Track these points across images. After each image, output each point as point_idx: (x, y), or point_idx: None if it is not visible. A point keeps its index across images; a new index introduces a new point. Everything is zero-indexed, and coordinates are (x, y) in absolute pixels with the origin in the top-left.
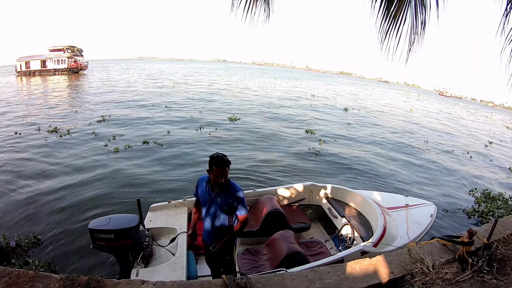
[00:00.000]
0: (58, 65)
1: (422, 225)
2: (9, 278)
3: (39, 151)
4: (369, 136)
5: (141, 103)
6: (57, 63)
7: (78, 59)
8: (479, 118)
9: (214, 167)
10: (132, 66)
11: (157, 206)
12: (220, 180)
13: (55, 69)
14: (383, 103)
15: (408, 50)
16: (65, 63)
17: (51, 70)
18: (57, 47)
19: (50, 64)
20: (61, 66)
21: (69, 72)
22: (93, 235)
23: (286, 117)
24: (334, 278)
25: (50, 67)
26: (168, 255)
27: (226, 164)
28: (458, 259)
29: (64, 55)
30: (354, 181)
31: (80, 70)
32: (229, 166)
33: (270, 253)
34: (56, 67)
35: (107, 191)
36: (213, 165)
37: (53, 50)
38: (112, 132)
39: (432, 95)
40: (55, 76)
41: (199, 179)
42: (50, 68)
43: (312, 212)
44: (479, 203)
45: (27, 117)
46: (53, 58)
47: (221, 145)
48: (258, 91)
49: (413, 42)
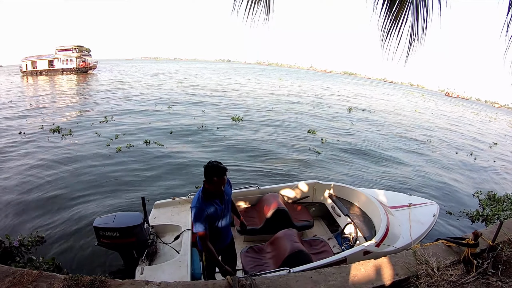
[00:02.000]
0: (67, 64)
1: (425, 225)
2: (13, 277)
3: (42, 150)
4: (372, 136)
5: (152, 103)
6: (65, 62)
7: (86, 59)
8: (484, 118)
9: (215, 179)
10: (139, 66)
11: (161, 203)
12: (223, 187)
13: (64, 69)
14: (388, 104)
15: (408, 49)
16: (73, 63)
17: (59, 70)
18: (65, 47)
19: (58, 64)
20: (69, 66)
21: (77, 72)
22: (98, 233)
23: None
24: (339, 280)
25: (58, 66)
26: (172, 252)
27: (225, 172)
28: (463, 261)
29: (73, 54)
30: (357, 179)
31: (89, 70)
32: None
33: (273, 251)
34: (65, 66)
35: (110, 189)
36: (214, 176)
37: (61, 50)
38: (115, 132)
39: (436, 95)
40: (63, 76)
41: (197, 207)
42: (58, 68)
43: (315, 209)
44: (483, 206)
45: (32, 116)
46: (62, 58)
47: (222, 145)
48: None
49: (415, 42)
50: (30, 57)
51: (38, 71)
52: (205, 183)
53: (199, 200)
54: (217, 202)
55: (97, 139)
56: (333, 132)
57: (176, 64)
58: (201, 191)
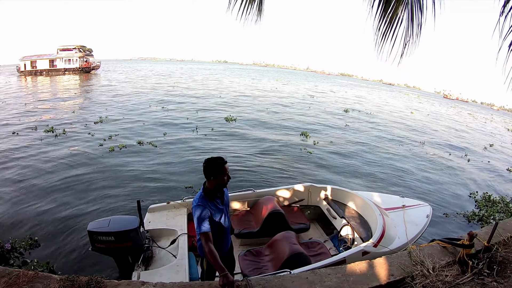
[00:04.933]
0: (69, 64)
1: (419, 226)
2: (8, 278)
3: (34, 151)
4: (368, 138)
5: (153, 103)
6: (68, 62)
7: (88, 59)
8: (482, 120)
9: (223, 167)
10: (139, 66)
11: (156, 207)
12: (227, 179)
13: (66, 69)
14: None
15: (402, 50)
16: (76, 62)
17: (61, 70)
18: (67, 47)
19: (60, 63)
20: (72, 66)
21: (80, 72)
22: (92, 237)
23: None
24: (335, 280)
25: (60, 66)
26: (169, 257)
27: (222, 162)
28: (459, 261)
29: (76, 54)
30: (351, 182)
31: (92, 69)
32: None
33: (272, 254)
34: (67, 66)
35: (103, 190)
36: (223, 165)
37: (63, 49)
38: (109, 132)
39: (432, 96)
40: (65, 76)
41: (200, 206)
42: (60, 68)
43: (311, 212)
44: (480, 207)
45: (27, 115)
46: (64, 58)
47: (218, 144)
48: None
49: (409, 43)
50: (29, 56)
51: (38, 71)
52: (205, 183)
53: (201, 199)
54: (218, 202)
55: (90, 139)
56: (328, 134)
57: (172, 64)
58: (202, 191)
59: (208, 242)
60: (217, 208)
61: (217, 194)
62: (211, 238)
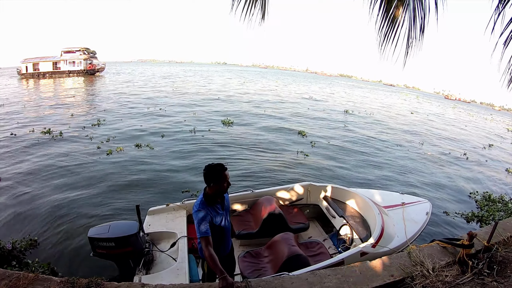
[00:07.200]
0: (73, 66)
1: (419, 224)
2: (9, 280)
3: (32, 153)
4: (367, 138)
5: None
6: (72, 64)
7: (93, 61)
8: (482, 120)
9: (223, 173)
10: (141, 68)
11: (155, 210)
12: (226, 185)
13: (70, 71)
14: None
15: (406, 52)
16: (81, 64)
17: (65, 72)
18: (71, 49)
19: (64, 66)
20: (76, 68)
21: (85, 74)
22: (93, 243)
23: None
24: (334, 281)
25: (64, 68)
26: (169, 260)
27: (222, 169)
28: (458, 261)
29: (80, 56)
30: (351, 182)
31: (97, 71)
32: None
33: (271, 255)
34: (71, 68)
35: (101, 193)
36: (223, 171)
37: (67, 51)
38: (107, 135)
39: (432, 97)
40: (69, 78)
41: (200, 210)
42: (64, 70)
43: (310, 211)
44: (480, 206)
45: (27, 118)
46: (68, 60)
47: (217, 146)
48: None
49: (412, 45)
50: (30, 58)
51: (41, 73)
52: (205, 188)
53: (201, 204)
54: (219, 207)
55: (88, 142)
56: (327, 134)
57: (171, 66)
58: (202, 196)
59: (208, 246)
60: (217, 212)
61: (217, 200)
62: (211, 242)
